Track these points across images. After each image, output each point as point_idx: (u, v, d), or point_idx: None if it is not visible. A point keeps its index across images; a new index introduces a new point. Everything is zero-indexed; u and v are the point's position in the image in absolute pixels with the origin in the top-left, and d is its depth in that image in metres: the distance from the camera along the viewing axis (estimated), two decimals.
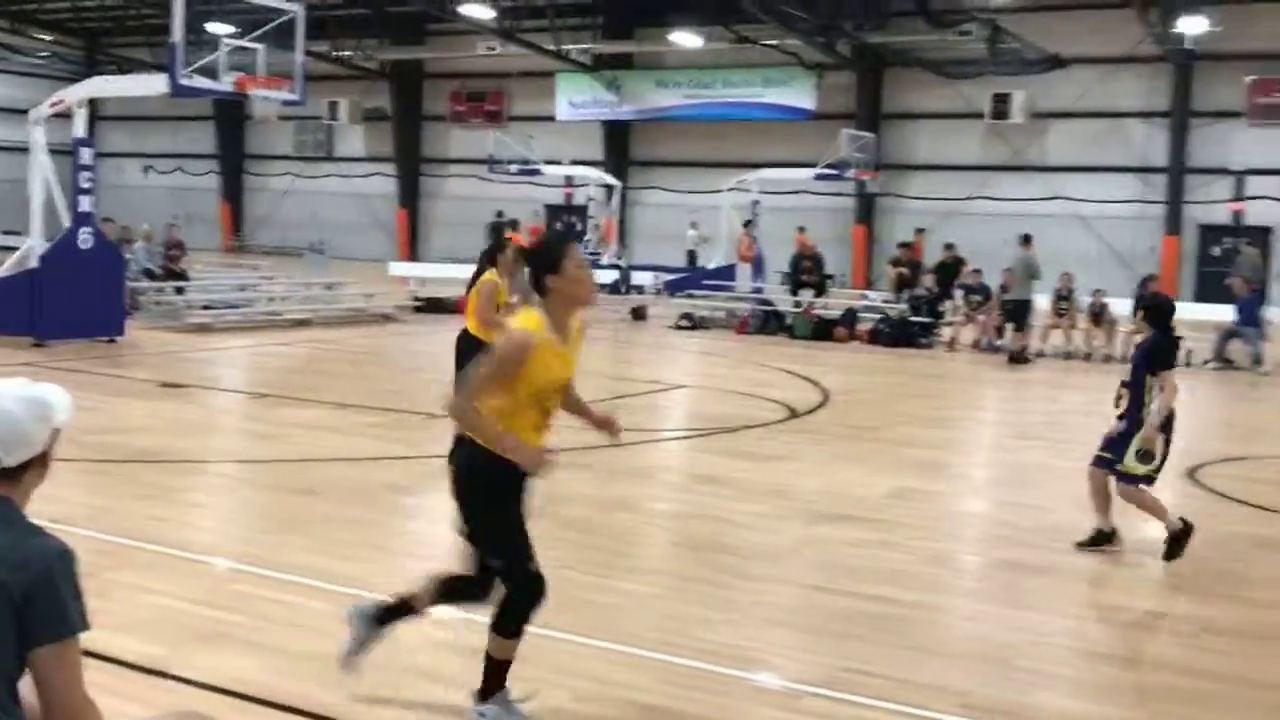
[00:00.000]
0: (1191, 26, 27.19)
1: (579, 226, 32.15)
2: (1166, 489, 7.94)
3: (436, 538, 7.33)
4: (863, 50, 32.04)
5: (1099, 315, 19.12)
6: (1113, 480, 7.47)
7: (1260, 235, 29.56)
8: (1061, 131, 31.91)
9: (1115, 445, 7.43)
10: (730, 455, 10.28)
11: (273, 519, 7.83)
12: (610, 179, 32.33)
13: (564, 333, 4.40)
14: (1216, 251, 30.25)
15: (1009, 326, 18.83)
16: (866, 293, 25.92)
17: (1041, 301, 19.45)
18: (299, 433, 10.68)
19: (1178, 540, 7.24)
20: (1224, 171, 30.06)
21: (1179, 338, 7.68)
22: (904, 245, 24.18)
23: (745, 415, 12.24)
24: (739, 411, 12.56)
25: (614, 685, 5.01)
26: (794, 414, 12.54)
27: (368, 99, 40.20)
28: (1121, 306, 19.59)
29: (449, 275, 29.31)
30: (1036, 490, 9.46)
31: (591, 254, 30.09)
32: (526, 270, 4.53)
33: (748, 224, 26.13)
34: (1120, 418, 7.46)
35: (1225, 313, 19.85)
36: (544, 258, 4.39)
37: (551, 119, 37.54)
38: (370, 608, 4.77)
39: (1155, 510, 7.41)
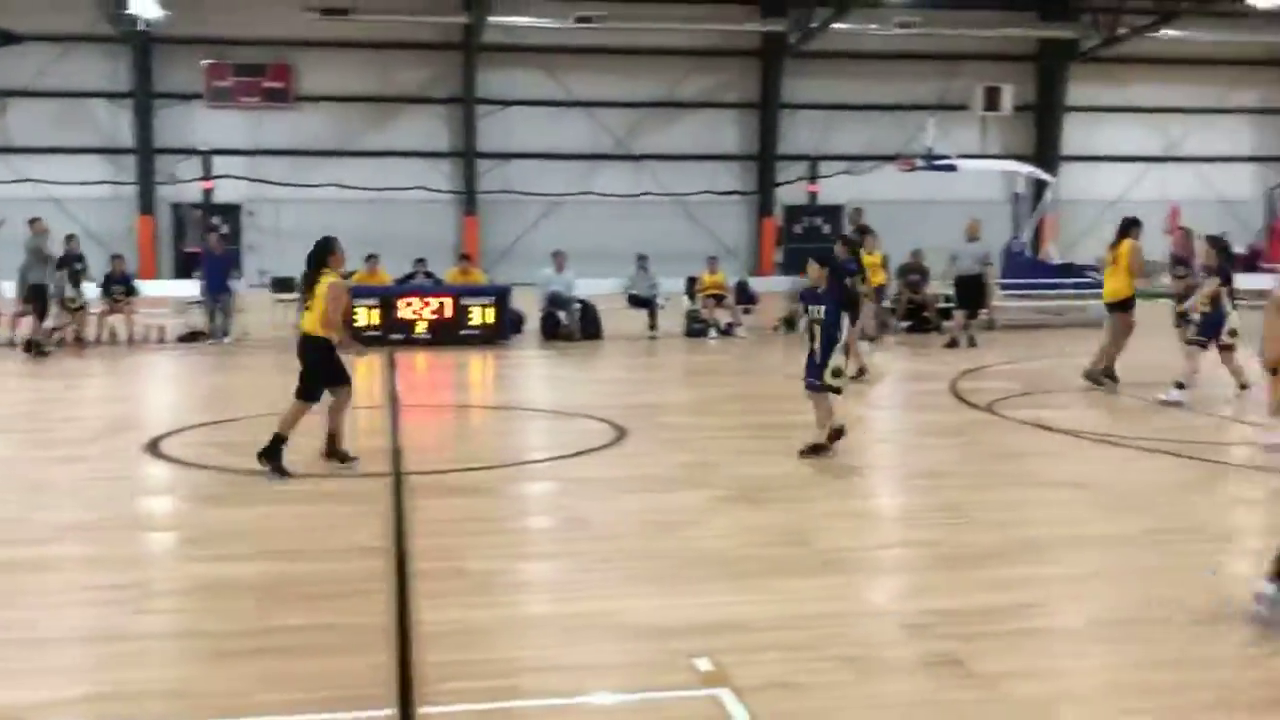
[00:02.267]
0: (145, 10, 27.49)
1: None
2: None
3: None
4: None
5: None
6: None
7: (233, 211, 31.19)
8: (23, 110, 30.52)
9: (813, 369, 9.50)
10: None
11: None
12: None
13: None
14: (189, 232, 31.00)
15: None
16: None
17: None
18: None
19: (816, 450, 9.47)
20: (192, 151, 31.10)
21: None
22: None
23: None
24: None
25: None
26: None
27: None
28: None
29: None
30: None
31: None
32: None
33: None
34: (813, 344, 9.51)
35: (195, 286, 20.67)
36: None
37: None
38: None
39: (825, 416, 9.51)
